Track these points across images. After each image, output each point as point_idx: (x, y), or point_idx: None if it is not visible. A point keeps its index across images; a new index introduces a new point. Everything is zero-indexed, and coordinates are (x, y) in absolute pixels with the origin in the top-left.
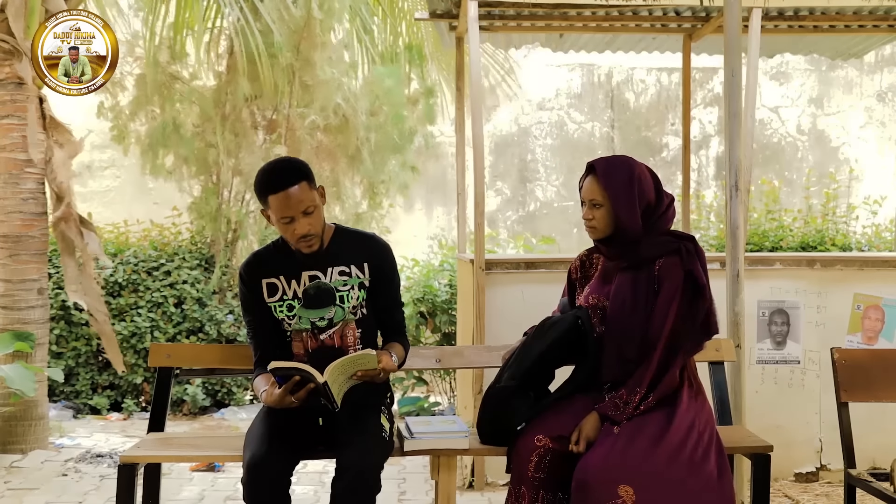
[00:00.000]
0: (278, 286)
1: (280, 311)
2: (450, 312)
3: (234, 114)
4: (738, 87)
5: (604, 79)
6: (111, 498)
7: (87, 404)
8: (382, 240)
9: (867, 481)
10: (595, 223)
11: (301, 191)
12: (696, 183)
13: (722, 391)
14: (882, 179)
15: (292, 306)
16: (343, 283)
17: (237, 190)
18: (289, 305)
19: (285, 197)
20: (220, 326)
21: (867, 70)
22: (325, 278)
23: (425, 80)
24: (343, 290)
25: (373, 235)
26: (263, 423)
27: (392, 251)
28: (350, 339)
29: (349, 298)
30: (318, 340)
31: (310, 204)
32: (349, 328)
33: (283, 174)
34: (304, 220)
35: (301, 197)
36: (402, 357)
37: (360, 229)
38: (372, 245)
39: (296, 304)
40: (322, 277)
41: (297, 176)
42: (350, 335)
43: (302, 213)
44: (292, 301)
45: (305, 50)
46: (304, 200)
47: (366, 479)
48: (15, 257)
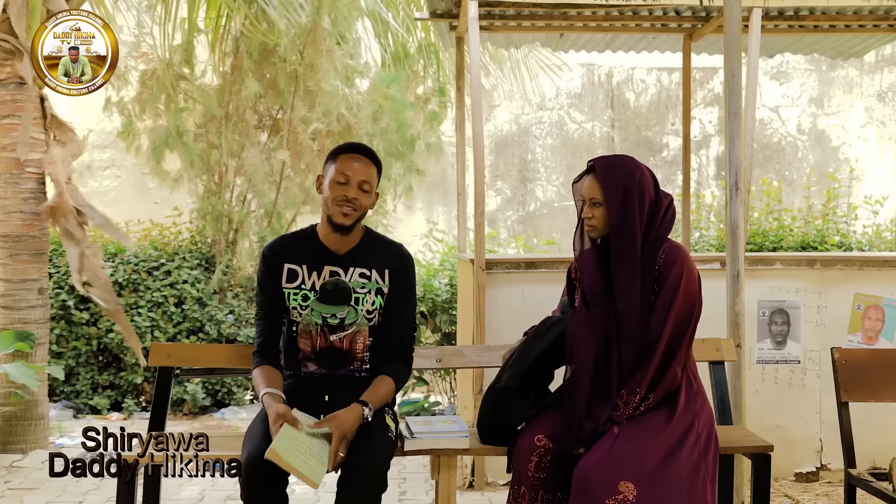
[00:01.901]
0: (299, 273)
1: (294, 299)
2: (450, 312)
3: (237, 114)
4: (738, 87)
5: (604, 79)
6: (111, 498)
7: (87, 404)
8: (408, 252)
9: (867, 481)
10: (595, 222)
11: (369, 167)
12: (696, 183)
13: (722, 391)
14: (882, 179)
15: (308, 297)
16: (361, 286)
17: (239, 190)
18: (304, 295)
19: (354, 160)
20: (220, 326)
21: (867, 70)
22: (345, 277)
23: (439, 80)
24: (360, 292)
25: (400, 245)
26: (263, 423)
27: (414, 264)
28: (360, 345)
29: (364, 302)
30: (328, 340)
31: (369, 182)
32: (361, 335)
33: (365, 150)
34: (356, 189)
35: (366, 171)
36: (383, 399)
37: (388, 237)
38: (396, 254)
39: (312, 295)
40: (342, 276)
41: (374, 159)
42: (360, 342)
43: (357, 185)
44: (309, 292)
45: (310, 56)
46: (367, 176)
47: (373, 478)
48: (15, 257)
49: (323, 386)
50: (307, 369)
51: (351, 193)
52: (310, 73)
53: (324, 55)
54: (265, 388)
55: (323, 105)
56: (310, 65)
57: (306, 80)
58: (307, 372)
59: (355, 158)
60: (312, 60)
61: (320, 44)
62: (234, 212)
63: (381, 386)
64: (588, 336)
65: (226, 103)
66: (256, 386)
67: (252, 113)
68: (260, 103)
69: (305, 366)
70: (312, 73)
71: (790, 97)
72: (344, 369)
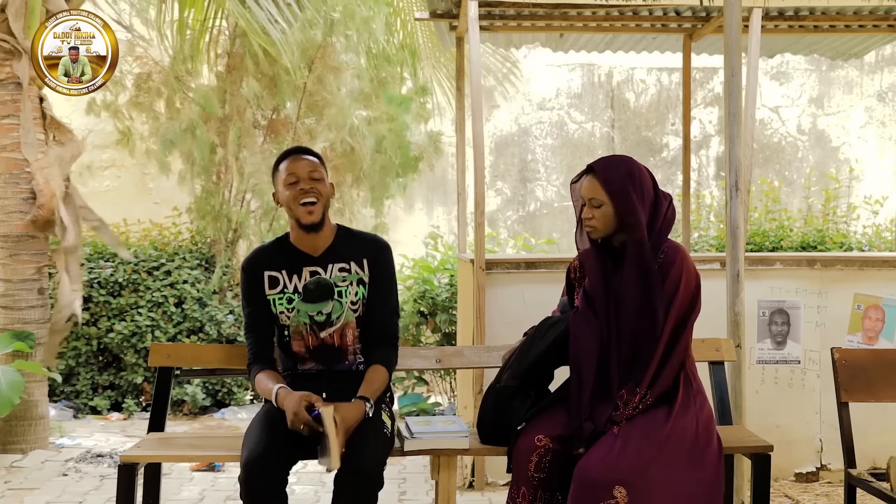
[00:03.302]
0: (280, 279)
1: (280, 304)
2: (450, 312)
3: (236, 114)
4: (738, 87)
5: (604, 79)
6: (111, 498)
7: (87, 404)
8: (383, 240)
9: (867, 481)
10: (595, 222)
11: (311, 161)
12: (696, 183)
13: (722, 391)
14: (882, 179)
15: (292, 299)
16: (342, 279)
17: (238, 190)
18: (288, 298)
19: (295, 160)
20: (220, 326)
21: (867, 70)
22: (325, 274)
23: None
24: (342, 285)
25: (374, 236)
26: (262, 423)
27: (392, 252)
28: (349, 338)
29: (347, 294)
30: (319, 338)
31: (317, 171)
32: (349, 328)
33: (299, 149)
34: (308, 181)
35: (311, 164)
36: (379, 388)
37: (361, 230)
38: (372, 243)
39: (296, 297)
40: (322, 274)
41: (311, 153)
42: (350, 334)
43: (308, 177)
44: (292, 294)
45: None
46: (313, 167)
47: (369, 474)
48: (15, 257)
49: (321, 382)
50: (305, 367)
51: (306, 186)
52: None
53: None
54: (276, 385)
55: (329, 118)
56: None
57: (314, 95)
58: (304, 370)
59: (297, 158)
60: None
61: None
62: (233, 211)
63: (376, 377)
64: (592, 337)
65: (223, 103)
66: (264, 388)
67: (251, 112)
68: (259, 103)
69: (303, 364)
70: (320, 88)
71: (790, 97)
72: (340, 364)
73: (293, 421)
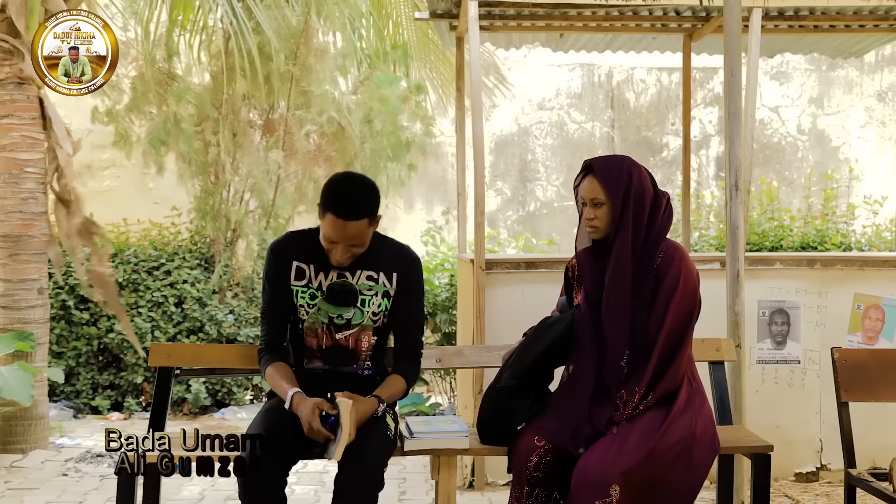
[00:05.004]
0: (306, 272)
1: (302, 297)
2: (450, 312)
3: (231, 113)
4: (738, 87)
5: (604, 79)
6: (111, 498)
7: (87, 404)
8: (415, 253)
9: (867, 481)
10: (597, 222)
11: (357, 227)
12: (696, 183)
13: (722, 391)
14: (882, 179)
15: (315, 296)
16: (368, 288)
17: (236, 189)
18: (311, 294)
19: (341, 225)
20: (220, 326)
21: (867, 70)
22: (352, 279)
23: (409, 77)
24: (367, 294)
25: (408, 248)
26: (262, 423)
27: (421, 265)
28: (364, 344)
29: (370, 304)
30: (334, 339)
31: (359, 239)
32: (365, 334)
33: (351, 205)
34: (346, 247)
35: (355, 232)
36: (395, 396)
37: (396, 240)
38: (404, 257)
39: (319, 295)
40: (350, 278)
41: (363, 212)
42: (365, 340)
43: (346, 247)
44: (316, 291)
45: (303, 56)
46: (356, 236)
47: (370, 475)
48: (15, 257)
49: (326, 382)
50: (311, 365)
51: (340, 256)
52: (304, 73)
53: (316, 55)
54: (292, 389)
55: (317, 105)
56: (303, 64)
57: (300, 81)
58: (311, 368)
59: (342, 221)
60: (305, 60)
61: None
62: (232, 211)
63: (395, 384)
64: (593, 337)
65: (218, 103)
66: (276, 386)
67: (246, 111)
68: (252, 102)
69: (310, 362)
70: (306, 74)
71: (790, 97)
72: (348, 367)
73: (308, 431)
